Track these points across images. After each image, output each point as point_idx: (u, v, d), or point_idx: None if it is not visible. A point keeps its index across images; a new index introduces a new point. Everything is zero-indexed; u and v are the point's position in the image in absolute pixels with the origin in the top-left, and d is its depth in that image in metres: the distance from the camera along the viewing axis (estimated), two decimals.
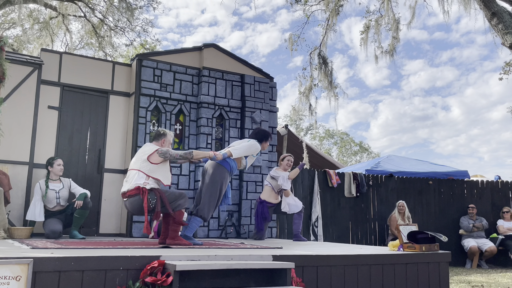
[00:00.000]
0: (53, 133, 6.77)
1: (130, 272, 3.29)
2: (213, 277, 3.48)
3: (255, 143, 5.50)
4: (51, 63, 6.86)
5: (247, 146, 5.38)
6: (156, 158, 4.74)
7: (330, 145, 35.70)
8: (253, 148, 5.44)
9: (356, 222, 9.49)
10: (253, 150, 5.45)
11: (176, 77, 7.39)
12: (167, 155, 4.76)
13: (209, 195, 5.19)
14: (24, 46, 17.29)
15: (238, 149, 5.31)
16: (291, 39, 12.98)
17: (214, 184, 5.22)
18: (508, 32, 8.39)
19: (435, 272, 4.67)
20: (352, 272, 4.20)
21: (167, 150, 4.81)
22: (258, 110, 7.78)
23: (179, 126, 7.37)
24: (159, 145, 4.97)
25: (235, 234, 7.35)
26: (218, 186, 5.23)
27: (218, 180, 5.23)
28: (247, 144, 5.41)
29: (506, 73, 11.24)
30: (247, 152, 5.37)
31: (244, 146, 5.36)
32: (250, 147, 5.41)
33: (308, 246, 5.49)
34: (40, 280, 2.99)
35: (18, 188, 6.32)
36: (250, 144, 5.43)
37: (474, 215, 9.78)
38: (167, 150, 4.80)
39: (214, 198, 5.20)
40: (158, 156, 4.74)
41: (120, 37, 19.24)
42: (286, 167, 6.90)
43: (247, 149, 5.37)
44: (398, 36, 11.95)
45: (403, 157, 13.00)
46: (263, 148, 5.83)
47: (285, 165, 6.91)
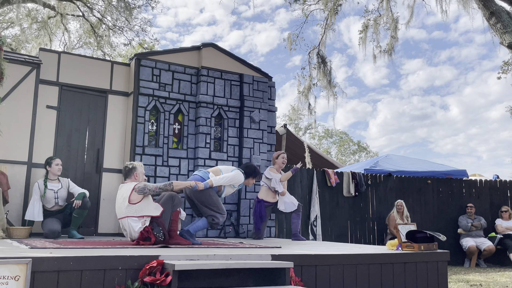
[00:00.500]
0: (52, 133, 6.76)
1: (129, 272, 3.29)
2: (212, 277, 3.48)
3: (241, 176, 5.41)
4: (50, 62, 6.85)
5: (231, 177, 5.30)
6: (136, 197, 4.62)
7: (329, 145, 35.73)
8: (236, 179, 5.36)
9: (355, 221, 9.50)
10: (235, 182, 5.37)
11: (174, 76, 7.38)
12: (146, 190, 4.63)
13: (207, 205, 5.20)
14: (23, 45, 17.25)
15: (221, 179, 5.23)
16: (290, 39, 12.97)
17: (205, 196, 5.21)
18: (507, 32, 8.40)
19: (434, 271, 4.67)
20: (351, 271, 4.21)
21: (144, 186, 4.65)
22: (257, 109, 7.78)
23: (177, 125, 7.36)
24: (133, 180, 4.85)
25: (234, 234, 7.36)
26: (208, 194, 5.21)
27: (205, 193, 5.22)
28: (231, 175, 5.32)
29: (505, 72, 11.26)
30: (229, 182, 5.30)
31: (228, 177, 5.28)
32: (234, 179, 5.33)
33: (307, 245, 5.50)
34: (38, 280, 2.99)
35: (17, 187, 6.32)
36: (235, 176, 5.34)
37: (473, 214, 9.79)
38: (144, 186, 4.65)
39: (213, 204, 5.21)
40: (137, 194, 4.62)
41: (118, 36, 19.22)
42: (281, 164, 6.96)
43: (230, 180, 5.29)
44: (397, 35, 11.95)
45: (401, 156, 13.01)
46: (248, 184, 5.79)
47: (280, 163, 6.96)
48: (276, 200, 6.88)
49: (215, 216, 5.14)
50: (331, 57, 64.18)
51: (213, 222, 5.15)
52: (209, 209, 5.16)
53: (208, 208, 5.17)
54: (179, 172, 7.17)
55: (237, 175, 5.38)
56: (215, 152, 7.39)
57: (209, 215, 5.16)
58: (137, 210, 4.58)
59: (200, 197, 5.18)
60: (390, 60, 12.27)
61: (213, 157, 7.33)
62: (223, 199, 7.16)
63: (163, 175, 7.04)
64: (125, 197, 4.61)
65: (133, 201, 4.59)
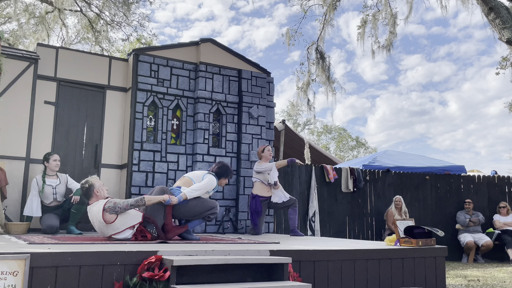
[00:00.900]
0: (50, 128, 6.75)
1: (127, 267, 3.30)
2: (211, 272, 3.48)
3: (213, 181, 5.23)
4: (48, 58, 6.83)
5: (204, 186, 5.10)
6: (110, 217, 4.40)
7: (327, 140, 35.75)
8: (210, 186, 5.19)
9: (353, 217, 9.51)
10: (209, 189, 5.21)
11: (173, 72, 7.37)
12: (117, 209, 4.39)
13: (196, 214, 5.03)
14: (20, 40, 17.19)
15: (195, 191, 5.03)
16: (288, 34, 12.95)
17: (188, 212, 5.04)
18: (505, 27, 8.40)
19: (432, 266, 4.68)
20: (349, 266, 4.22)
21: (114, 204, 4.38)
22: (255, 105, 7.77)
23: (176, 121, 7.35)
24: (96, 199, 4.58)
25: (232, 229, 7.36)
26: (189, 208, 5.03)
27: (187, 208, 5.02)
28: (204, 184, 5.11)
29: (503, 68, 11.25)
30: (203, 191, 5.13)
31: (202, 187, 5.07)
32: (207, 187, 5.15)
33: (305, 241, 5.51)
34: (37, 275, 2.99)
35: (15, 183, 6.31)
36: (208, 184, 5.16)
37: (471, 210, 9.81)
38: (114, 205, 4.38)
39: (200, 211, 5.03)
40: (109, 214, 4.39)
41: (116, 31, 19.15)
42: (268, 157, 7.02)
43: (204, 189, 5.11)
44: (395, 31, 11.93)
45: (400, 152, 13.02)
46: (221, 184, 5.63)
47: (267, 155, 7.02)
48: (270, 194, 6.92)
49: (209, 216, 5.05)
50: (330, 53, 64.00)
51: (209, 219, 5.10)
52: (200, 214, 5.04)
53: (198, 215, 5.04)
54: (177, 168, 7.17)
55: (210, 181, 5.18)
56: (213, 147, 7.39)
57: (203, 217, 5.08)
58: (119, 226, 4.41)
59: (184, 213, 5.01)
60: (389, 56, 12.27)
61: (211, 152, 7.33)
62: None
63: (161, 171, 7.03)
64: (100, 220, 4.39)
65: (110, 221, 4.39)
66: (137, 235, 4.49)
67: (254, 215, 6.80)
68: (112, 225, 4.38)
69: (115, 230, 4.40)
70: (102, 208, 4.37)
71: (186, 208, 4.97)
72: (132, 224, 4.46)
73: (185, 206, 4.96)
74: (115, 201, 4.39)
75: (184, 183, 5.14)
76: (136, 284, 3.21)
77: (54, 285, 3.04)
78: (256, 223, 6.77)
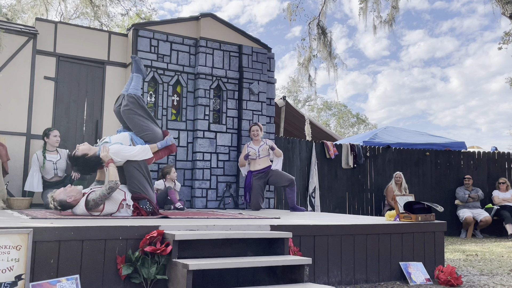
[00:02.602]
0: (50, 104, 6.73)
1: (129, 242, 3.33)
2: (212, 247, 3.52)
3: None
4: (46, 33, 6.76)
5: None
6: (96, 210, 4.23)
7: (328, 117, 35.67)
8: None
9: (353, 193, 9.57)
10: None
11: (173, 47, 7.30)
12: (98, 203, 4.21)
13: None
14: (19, 15, 16.99)
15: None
16: (290, 9, 12.78)
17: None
18: (509, 2, 8.29)
19: (431, 241, 4.73)
20: (349, 241, 4.26)
21: (93, 202, 4.19)
22: (256, 81, 7.73)
23: (176, 97, 7.32)
24: (76, 202, 4.24)
25: (233, 205, 7.42)
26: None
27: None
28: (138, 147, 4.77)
29: (505, 42, 11.15)
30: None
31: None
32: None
33: (305, 216, 5.55)
34: (40, 249, 3.02)
35: (16, 159, 6.32)
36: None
37: (470, 186, 9.86)
38: (94, 202, 4.19)
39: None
40: (94, 209, 4.22)
41: (115, 6, 18.93)
42: (253, 137, 7.07)
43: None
44: (398, 5, 11.78)
45: (400, 128, 13.01)
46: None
47: (252, 135, 7.08)
48: (262, 167, 6.93)
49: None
50: (332, 28, 63.35)
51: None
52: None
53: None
54: (178, 144, 7.17)
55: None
56: (214, 124, 7.38)
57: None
58: (110, 211, 4.32)
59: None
60: (391, 31, 12.14)
61: (212, 129, 7.33)
62: (202, 172, 7.21)
63: None
64: (91, 215, 4.22)
65: (97, 212, 4.24)
66: (132, 213, 4.50)
67: (244, 189, 6.99)
68: (105, 212, 4.28)
69: (111, 211, 4.34)
70: (85, 210, 4.20)
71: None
72: (120, 198, 4.37)
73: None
74: (93, 198, 4.19)
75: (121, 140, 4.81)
76: (138, 258, 3.25)
77: (57, 259, 3.07)
78: (246, 198, 6.95)
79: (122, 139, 4.77)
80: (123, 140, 4.75)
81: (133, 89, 5.02)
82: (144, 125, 4.88)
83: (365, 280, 4.31)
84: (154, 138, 4.89)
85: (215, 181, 7.29)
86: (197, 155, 7.17)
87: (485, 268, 5.31)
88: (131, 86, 5.06)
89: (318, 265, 4.05)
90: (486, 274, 4.96)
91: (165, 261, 3.25)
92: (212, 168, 7.29)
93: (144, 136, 4.87)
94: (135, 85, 5.06)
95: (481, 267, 5.43)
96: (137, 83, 5.10)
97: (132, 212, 4.48)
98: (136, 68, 5.19)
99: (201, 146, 7.20)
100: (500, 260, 5.98)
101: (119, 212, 4.37)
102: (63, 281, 3.02)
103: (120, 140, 4.74)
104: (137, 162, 4.70)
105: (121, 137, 4.79)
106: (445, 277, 4.30)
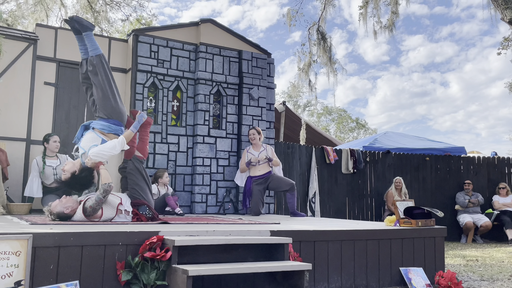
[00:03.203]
0: (50, 110, 6.74)
1: (129, 248, 3.32)
2: (212, 252, 3.51)
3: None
4: (47, 38, 6.78)
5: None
6: (96, 215, 4.20)
7: (328, 122, 35.68)
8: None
9: (353, 198, 9.56)
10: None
11: (173, 53, 7.32)
12: (96, 209, 4.17)
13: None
14: (19, 21, 17.04)
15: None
16: (289, 14, 12.82)
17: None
18: (508, 7, 8.31)
19: (431, 246, 4.72)
20: (349, 247, 4.25)
21: (90, 208, 4.15)
22: (256, 86, 7.74)
23: (176, 102, 7.33)
24: (73, 212, 4.21)
25: (233, 210, 7.41)
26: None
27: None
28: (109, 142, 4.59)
29: (505, 48, 11.17)
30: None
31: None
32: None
33: (305, 221, 5.54)
34: (39, 255, 3.01)
35: (16, 164, 6.32)
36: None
37: (470, 191, 9.85)
38: (91, 209, 4.15)
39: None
40: (93, 215, 4.19)
41: (115, 12, 19.00)
42: (251, 141, 7.11)
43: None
44: (398, 11, 11.81)
45: (400, 133, 13.02)
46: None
47: (250, 139, 7.13)
48: (262, 173, 6.94)
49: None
50: (331, 33, 63.46)
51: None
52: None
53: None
54: (178, 149, 7.18)
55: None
56: (214, 129, 7.39)
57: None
58: (108, 217, 4.30)
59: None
60: (391, 36, 12.15)
61: (212, 134, 7.33)
62: (204, 176, 7.20)
63: (162, 152, 7.04)
64: (91, 221, 4.19)
65: (99, 217, 4.23)
66: (132, 218, 4.49)
67: (244, 195, 7.00)
68: (104, 217, 4.27)
69: (110, 217, 4.33)
70: (84, 217, 4.18)
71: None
72: (117, 202, 4.33)
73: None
74: (90, 205, 4.14)
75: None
76: (138, 264, 3.24)
77: (56, 265, 3.07)
78: (245, 204, 6.96)
79: (92, 140, 4.56)
80: (93, 141, 4.55)
81: (93, 50, 4.78)
82: (105, 91, 4.68)
83: (365, 286, 4.30)
84: (114, 111, 4.67)
85: (215, 186, 7.29)
86: (197, 160, 7.17)
87: (485, 274, 5.30)
88: (89, 47, 4.78)
89: (318, 271, 4.04)
90: (486, 279, 4.95)
91: (165, 267, 3.24)
92: (212, 173, 7.28)
93: (106, 104, 4.65)
94: (91, 45, 4.78)
95: (482, 272, 5.42)
96: (92, 42, 4.80)
97: (131, 218, 4.47)
98: (82, 26, 4.82)
99: (201, 151, 7.20)
100: (501, 266, 5.97)
101: (118, 217, 4.36)
102: (62, 287, 3.01)
103: (91, 142, 4.53)
104: (137, 168, 4.71)
105: (91, 139, 4.57)
106: (446, 283, 4.29)
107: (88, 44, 4.79)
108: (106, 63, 4.81)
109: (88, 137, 4.58)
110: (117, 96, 4.78)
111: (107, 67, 4.80)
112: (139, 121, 4.76)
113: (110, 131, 4.64)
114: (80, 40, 4.87)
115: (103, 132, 4.62)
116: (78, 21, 4.80)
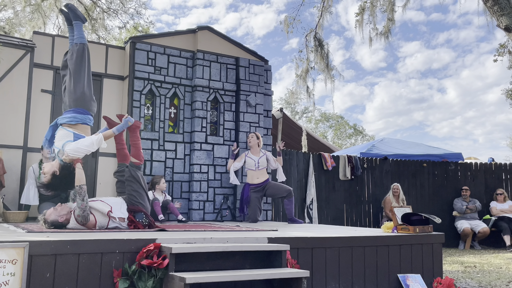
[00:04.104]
0: (47, 117, 6.73)
1: (126, 255, 3.31)
2: (209, 259, 3.50)
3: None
4: (44, 46, 6.79)
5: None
6: (90, 224, 4.21)
7: (325, 128, 35.73)
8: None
9: (351, 204, 9.55)
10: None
11: (170, 60, 7.33)
12: (85, 213, 4.14)
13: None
14: (16, 29, 17.05)
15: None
16: (287, 21, 12.85)
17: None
18: (503, 14, 8.35)
19: (429, 253, 4.71)
20: (347, 253, 4.24)
21: (80, 212, 4.12)
22: (253, 93, 7.75)
23: (173, 109, 7.33)
24: (68, 220, 4.21)
25: (230, 217, 7.39)
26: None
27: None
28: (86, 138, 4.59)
29: (501, 54, 11.21)
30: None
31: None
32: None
33: (303, 228, 5.53)
34: (36, 263, 3.00)
35: (13, 172, 6.30)
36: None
37: (468, 197, 9.86)
38: (81, 213, 4.12)
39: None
40: (86, 223, 4.18)
41: (113, 19, 19.01)
42: (249, 145, 7.16)
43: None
44: (394, 18, 11.85)
45: (397, 139, 13.04)
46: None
47: (249, 144, 7.17)
48: (260, 181, 6.95)
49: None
50: (329, 40, 63.67)
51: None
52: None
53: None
54: (175, 156, 7.17)
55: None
56: (211, 136, 7.39)
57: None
58: (103, 224, 4.29)
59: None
60: (388, 43, 12.18)
61: (209, 141, 7.33)
62: (201, 184, 7.19)
63: (159, 159, 7.03)
64: (87, 229, 4.19)
65: (93, 224, 4.23)
66: (129, 225, 4.48)
67: (242, 202, 7.01)
68: (98, 225, 4.27)
69: (104, 224, 4.32)
70: (77, 224, 4.17)
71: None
72: (106, 210, 4.29)
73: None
74: (77, 215, 4.15)
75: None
76: (135, 272, 3.22)
77: (53, 273, 3.05)
78: (242, 211, 6.99)
79: (64, 136, 4.51)
80: (65, 137, 4.50)
81: (79, 38, 4.83)
82: (78, 73, 4.69)
83: None
84: (83, 96, 4.65)
85: (213, 193, 7.28)
86: (194, 167, 7.16)
87: (483, 280, 5.29)
88: (75, 35, 4.87)
89: (316, 278, 4.03)
90: (484, 286, 4.94)
91: (162, 274, 3.23)
92: (210, 180, 7.27)
93: (77, 87, 4.64)
94: (78, 34, 4.87)
95: (480, 278, 5.41)
96: (79, 31, 4.88)
97: (128, 226, 4.46)
98: (74, 15, 4.92)
99: (198, 158, 7.20)
100: (499, 272, 5.96)
101: (112, 223, 4.34)
102: None
103: (64, 139, 4.48)
104: (134, 176, 4.71)
105: (62, 136, 4.52)
106: None
107: (75, 32, 4.87)
108: (87, 52, 4.85)
109: (60, 135, 4.56)
110: (91, 83, 4.81)
111: (87, 56, 4.83)
112: (123, 124, 4.73)
113: (77, 121, 4.60)
114: (71, 30, 4.97)
115: (70, 125, 4.58)
116: (72, 9, 4.94)
